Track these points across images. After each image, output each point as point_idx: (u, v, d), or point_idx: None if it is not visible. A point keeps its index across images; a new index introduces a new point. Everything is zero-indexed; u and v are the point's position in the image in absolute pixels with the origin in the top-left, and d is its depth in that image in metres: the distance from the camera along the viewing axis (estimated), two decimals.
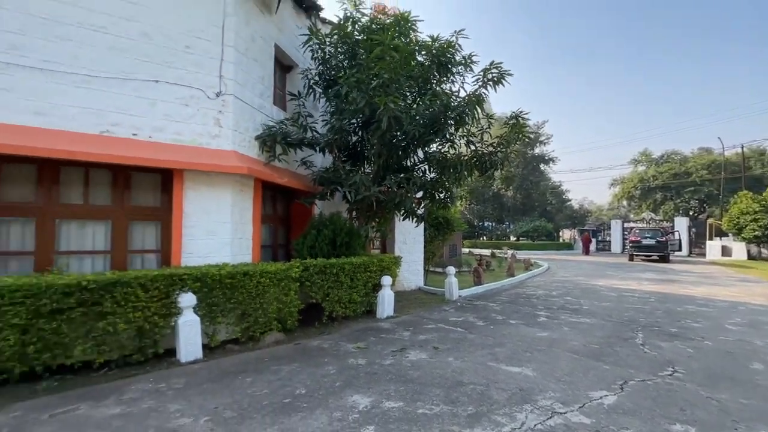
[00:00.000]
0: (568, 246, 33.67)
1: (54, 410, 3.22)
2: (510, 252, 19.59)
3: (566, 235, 40.91)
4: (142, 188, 5.14)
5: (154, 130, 4.90)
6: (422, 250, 10.48)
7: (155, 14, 4.91)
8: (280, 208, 7.46)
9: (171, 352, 4.51)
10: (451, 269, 8.85)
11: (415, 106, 6.36)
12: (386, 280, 6.82)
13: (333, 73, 7.12)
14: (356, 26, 6.86)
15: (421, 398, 3.49)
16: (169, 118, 4.98)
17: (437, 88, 6.74)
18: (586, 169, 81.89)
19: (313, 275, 5.83)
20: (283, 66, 7.27)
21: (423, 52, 6.74)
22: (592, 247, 30.32)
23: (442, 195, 7.67)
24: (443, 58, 6.44)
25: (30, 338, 3.63)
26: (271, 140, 6.04)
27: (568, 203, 42.21)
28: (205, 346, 4.66)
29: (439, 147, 7.14)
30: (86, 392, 3.60)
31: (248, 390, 3.64)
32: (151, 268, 4.81)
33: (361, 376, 4.02)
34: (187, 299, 4.41)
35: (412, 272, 9.96)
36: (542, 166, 38.81)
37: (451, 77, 6.80)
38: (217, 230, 5.24)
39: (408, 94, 6.57)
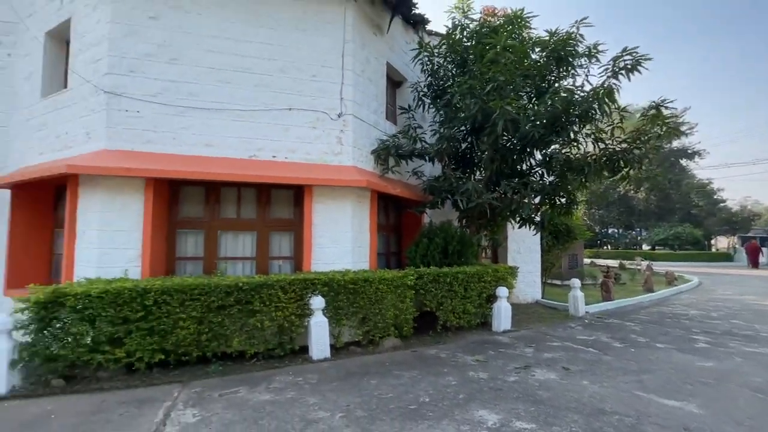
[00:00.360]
0: (726, 257, 27.47)
1: (222, 390, 3.85)
2: (645, 263, 16.84)
3: (721, 243, 33.48)
4: (279, 203, 5.89)
5: (289, 152, 5.59)
6: (539, 260, 9.72)
7: (289, 52, 5.64)
8: (392, 218, 7.75)
9: (304, 350, 5.01)
10: (576, 282, 7.98)
11: (531, 106, 5.97)
12: (502, 291, 6.50)
13: (441, 83, 7.19)
14: (464, 33, 6.81)
15: (557, 422, 3.19)
16: (300, 140, 5.63)
17: (557, 85, 6.24)
18: (748, 162, 64.31)
19: (427, 283, 5.88)
20: (393, 82, 7.61)
21: (538, 49, 6.33)
22: (763, 258, 24.12)
23: (563, 200, 7.02)
24: (563, 52, 5.94)
25: (203, 328, 4.43)
26: (384, 153, 6.35)
27: (723, 204, 34.50)
28: (331, 347, 5.05)
29: (560, 148, 6.56)
30: (243, 378, 4.23)
31: (374, 392, 3.81)
32: (286, 273, 5.44)
33: (485, 390, 3.87)
34: (317, 302, 4.86)
35: (527, 284, 9.29)
36: (683, 161, 32.50)
37: (572, 71, 6.22)
38: (339, 239, 5.68)
39: (523, 94, 6.22)
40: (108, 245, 4.85)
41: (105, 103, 4.92)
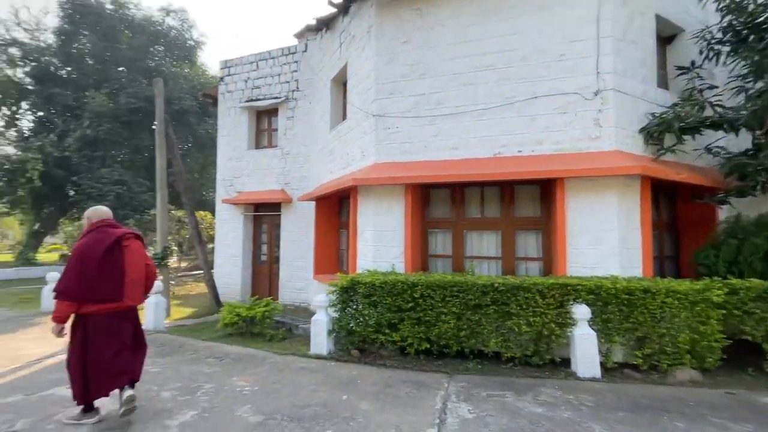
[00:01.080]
0: None
1: (488, 391, 3.82)
2: None
3: None
4: (524, 200, 5.54)
5: (535, 144, 5.17)
6: None
7: (531, 37, 5.23)
8: (664, 211, 6.07)
9: (565, 363, 4.46)
10: None
11: None
12: None
13: (750, 19, 5.08)
14: None
15: None
16: (547, 130, 5.12)
17: None
18: None
19: (746, 302, 4.21)
20: (661, 39, 5.95)
21: None
22: None
23: None
24: None
25: (462, 324, 4.58)
26: (660, 129, 4.99)
27: None
28: (600, 365, 4.30)
29: None
30: (503, 381, 4.10)
31: None
32: (541, 277, 5.02)
33: None
34: (581, 311, 4.24)
35: None
36: None
37: None
38: (602, 239, 4.81)
39: None
40: (379, 243, 5.77)
41: (374, 124, 5.89)
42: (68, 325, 3.06)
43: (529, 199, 5.53)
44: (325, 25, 8.01)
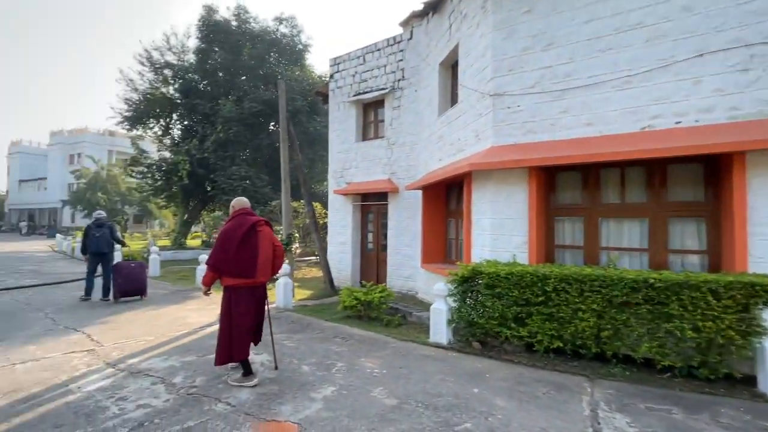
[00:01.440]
0: None
1: (646, 403, 3.28)
2: None
3: None
4: (680, 181, 4.63)
5: (700, 112, 4.24)
6: None
7: None
8: None
9: (747, 381, 3.62)
10: None
11: None
12: None
13: None
14: None
15: None
16: (719, 93, 4.15)
17: None
18: None
19: None
20: None
21: None
22: None
23: None
24: None
25: (603, 324, 4.04)
26: None
27: None
28: None
29: None
30: (663, 394, 3.48)
31: None
32: (692, 270, 4.15)
33: None
34: None
35: None
36: None
37: None
38: None
39: None
40: (498, 231, 5.42)
41: (491, 105, 5.52)
42: (219, 296, 3.72)
43: (688, 179, 4.60)
44: (432, 8, 7.79)
